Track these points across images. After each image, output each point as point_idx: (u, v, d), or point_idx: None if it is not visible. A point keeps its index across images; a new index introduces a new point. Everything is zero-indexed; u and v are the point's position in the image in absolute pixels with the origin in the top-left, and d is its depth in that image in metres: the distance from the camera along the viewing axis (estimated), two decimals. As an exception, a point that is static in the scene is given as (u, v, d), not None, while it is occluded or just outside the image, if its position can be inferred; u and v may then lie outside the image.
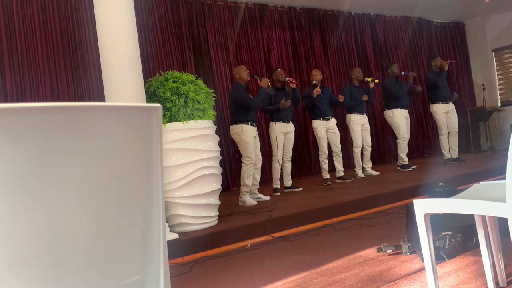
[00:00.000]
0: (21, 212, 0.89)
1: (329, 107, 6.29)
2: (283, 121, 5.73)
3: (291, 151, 5.90)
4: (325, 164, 6.24)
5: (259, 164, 5.35)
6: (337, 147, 6.29)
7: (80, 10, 5.87)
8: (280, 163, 5.77)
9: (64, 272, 0.97)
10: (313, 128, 6.32)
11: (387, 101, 6.94)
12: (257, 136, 5.32)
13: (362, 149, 6.66)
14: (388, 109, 6.92)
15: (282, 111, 5.68)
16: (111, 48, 3.50)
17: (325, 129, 6.22)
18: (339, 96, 6.32)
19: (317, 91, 6.05)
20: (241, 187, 5.15)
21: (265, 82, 5.27)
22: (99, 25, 3.54)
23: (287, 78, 5.81)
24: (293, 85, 5.75)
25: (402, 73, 6.91)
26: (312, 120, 6.29)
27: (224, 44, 7.12)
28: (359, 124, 6.59)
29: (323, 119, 6.21)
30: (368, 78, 6.74)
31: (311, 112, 6.29)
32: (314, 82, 6.21)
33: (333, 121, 6.30)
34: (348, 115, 6.63)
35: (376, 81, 6.76)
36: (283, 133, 5.74)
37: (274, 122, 5.68)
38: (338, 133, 6.31)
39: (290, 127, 5.83)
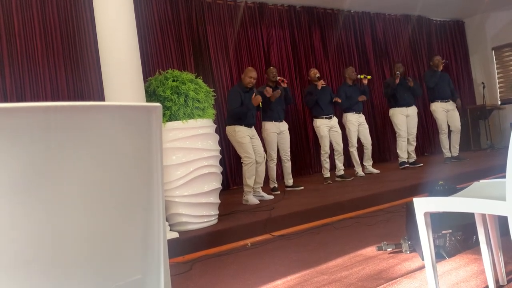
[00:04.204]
0: (21, 212, 0.89)
1: (330, 105, 6.28)
2: (275, 121, 5.66)
3: (289, 150, 5.86)
4: (326, 163, 6.23)
5: (262, 162, 5.30)
6: (339, 145, 6.28)
7: (79, 9, 5.87)
8: (275, 163, 5.75)
9: (65, 271, 0.97)
10: (315, 127, 6.29)
11: (388, 100, 7.04)
12: (255, 136, 5.27)
13: (362, 147, 6.67)
14: (389, 108, 7.03)
15: (274, 110, 5.59)
16: (110, 47, 3.50)
17: (328, 128, 6.21)
18: (336, 98, 6.29)
19: (321, 83, 6.08)
20: (244, 187, 5.14)
21: (255, 101, 5.15)
22: (98, 24, 3.54)
23: (278, 78, 5.78)
24: (284, 84, 5.72)
25: (397, 72, 6.84)
26: (314, 119, 6.27)
27: (223, 43, 7.11)
28: (356, 123, 6.59)
29: (325, 118, 6.20)
30: (361, 75, 6.72)
31: (313, 110, 6.28)
32: (318, 75, 6.21)
33: (335, 120, 6.30)
34: (345, 114, 6.63)
35: (369, 77, 6.74)
36: (276, 132, 5.69)
37: (265, 122, 5.62)
38: (340, 131, 6.31)
39: (283, 126, 5.78)
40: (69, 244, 0.97)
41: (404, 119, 6.88)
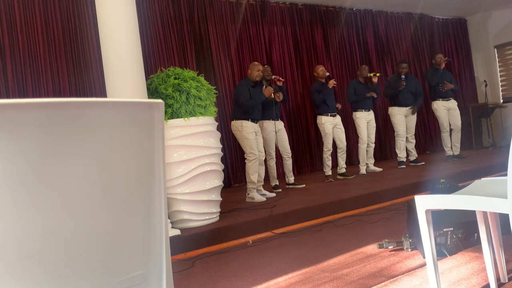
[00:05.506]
0: (23, 208, 0.89)
1: (335, 103, 6.28)
2: (273, 119, 5.61)
3: (289, 148, 5.85)
4: (328, 161, 6.23)
5: (262, 160, 5.28)
6: (342, 143, 6.28)
7: (81, 6, 5.87)
8: (275, 161, 5.74)
9: (68, 267, 0.97)
10: (319, 124, 6.28)
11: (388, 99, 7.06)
12: (259, 132, 5.29)
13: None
14: (389, 106, 7.02)
15: (271, 109, 5.55)
16: (112, 44, 3.50)
17: (332, 125, 6.21)
18: (330, 81, 6.11)
19: (333, 83, 6.09)
20: (247, 184, 5.12)
21: (267, 92, 5.22)
22: (100, 21, 3.54)
23: (273, 76, 5.75)
24: (279, 83, 5.71)
25: (402, 77, 6.78)
26: (319, 116, 6.25)
27: (225, 41, 7.11)
28: (365, 120, 6.61)
29: (330, 115, 6.20)
30: (371, 73, 6.74)
31: (318, 107, 6.28)
32: (328, 74, 6.23)
33: (338, 117, 6.31)
34: (354, 113, 6.66)
35: (378, 74, 6.73)
36: (274, 131, 5.66)
37: (262, 121, 5.53)
38: (343, 129, 6.31)
39: (280, 125, 5.75)
40: (72, 239, 0.97)
41: (403, 118, 6.87)
